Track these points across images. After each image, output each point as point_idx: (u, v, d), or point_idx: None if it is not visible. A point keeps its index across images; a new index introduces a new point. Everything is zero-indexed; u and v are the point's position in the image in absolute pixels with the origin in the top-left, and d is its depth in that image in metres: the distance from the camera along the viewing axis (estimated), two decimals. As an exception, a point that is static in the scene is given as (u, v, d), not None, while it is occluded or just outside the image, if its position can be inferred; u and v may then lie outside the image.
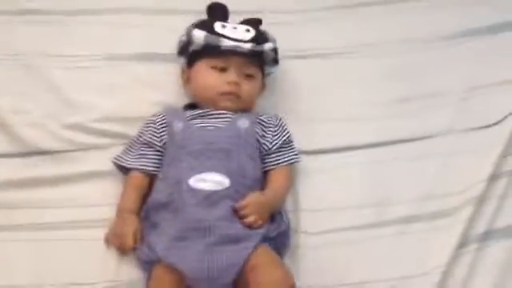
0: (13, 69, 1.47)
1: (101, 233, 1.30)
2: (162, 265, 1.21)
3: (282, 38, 1.46)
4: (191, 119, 1.36)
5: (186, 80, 1.43)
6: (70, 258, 1.29)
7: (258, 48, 1.39)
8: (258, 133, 1.36)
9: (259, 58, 1.41)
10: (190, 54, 1.42)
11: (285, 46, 1.48)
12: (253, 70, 1.40)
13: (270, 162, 1.37)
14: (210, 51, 1.38)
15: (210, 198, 1.24)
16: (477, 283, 1.28)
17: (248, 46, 1.37)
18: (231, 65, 1.37)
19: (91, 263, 1.28)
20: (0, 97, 1.42)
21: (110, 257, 1.28)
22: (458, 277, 1.29)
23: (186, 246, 1.20)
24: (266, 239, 1.24)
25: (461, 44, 1.59)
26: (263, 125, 1.38)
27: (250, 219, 1.24)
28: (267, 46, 1.40)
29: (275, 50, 1.43)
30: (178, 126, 1.35)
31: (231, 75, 1.37)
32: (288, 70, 1.51)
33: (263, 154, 1.37)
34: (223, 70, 1.38)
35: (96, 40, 1.51)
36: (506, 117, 1.45)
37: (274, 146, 1.37)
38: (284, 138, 1.39)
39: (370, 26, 1.61)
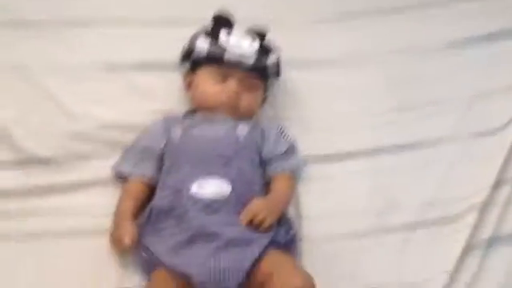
0: (12, 80, 1.46)
1: (102, 241, 1.29)
2: (164, 269, 1.20)
3: (284, 46, 1.46)
4: (190, 126, 1.36)
5: (188, 85, 1.44)
6: (72, 267, 1.27)
7: (261, 63, 1.39)
8: (257, 140, 1.36)
9: (262, 72, 1.41)
10: (192, 61, 1.42)
11: (287, 54, 1.48)
12: (254, 83, 1.40)
13: (272, 168, 1.36)
14: (213, 61, 1.38)
15: (212, 206, 1.24)
16: None
17: (251, 60, 1.38)
18: (233, 75, 1.37)
19: (94, 271, 1.27)
20: (0, 107, 1.42)
21: (113, 265, 1.27)
22: (463, 282, 1.29)
23: (191, 250, 1.19)
24: (275, 244, 1.22)
25: (462, 52, 1.59)
26: (263, 133, 1.38)
27: (266, 224, 1.23)
28: (270, 60, 1.41)
29: (278, 63, 1.44)
30: (177, 133, 1.35)
31: (231, 85, 1.37)
32: (290, 79, 1.51)
33: (265, 162, 1.36)
34: (224, 79, 1.38)
35: (95, 50, 1.51)
36: (509, 122, 1.46)
37: (275, 153, 1.37)
38: (287, 146, 1.38)
39: (371, 35, 1.61)
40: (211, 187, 1.26)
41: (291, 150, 1.39)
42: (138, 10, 1.57)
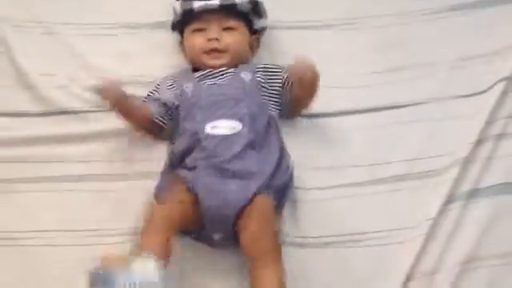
0: (36, 35, 1.56)
1: (119, 185, 1.39)
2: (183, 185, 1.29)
3: (285, 9, 1.55)
4: (199, 79, 1.44)
5: (184, 50, 1.52)
6: (91, 208, 1.38)
7: (228, 1, 1.46)
8: (261, 81, 1.43)
9: (235, 12, 1.47)
10: (177, 26, 1.52)
11: (279, 16, 1.56)
12: (231, 23, 1.46)
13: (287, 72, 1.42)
14: (189, 17, 1.47)
15: (226, 141, 1.32)
16: (462, 234, 1.34)
17: (217, 1, 1.45)
18: (209, 23, 1.45)
19: (110, 212, 1.37)
20: (27, 60, 1.52)
21: (130, 207, 1.36)
22: (445, 229, 1.35)
23: (203, 177, 1.29)
24: (270, 186, 1.30)
25: (451, 17, 1.63)
26: (265, 72, 1.45)
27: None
28: None
29: (253, 2, 1.49)
30: (188, 86, 1.43)
31: (210, 32, 1.45)
32: (282, 40, 1.58)
33: (281, 90, 1.43)
34: (203, 29, 1.46)
35: (113, 10, 1.60)
36: (492, 85, 1.50)
37: (285, 76, 1.43)
38: (285, 65, 1.44)
39: (362, 0, 1.66)
40: (224, 125, 1.34)
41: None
42: None
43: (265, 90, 1.44)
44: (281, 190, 1.34)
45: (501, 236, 1.35)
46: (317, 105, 1.49)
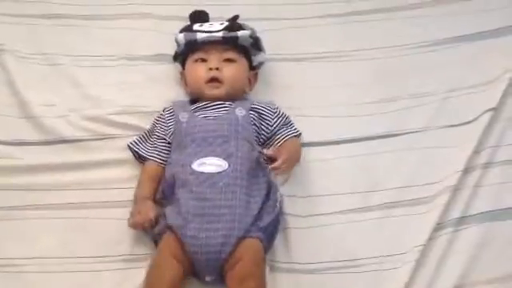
0: (41, 66, 1.60)
1: (119, 212, 1.40)
2: (173, 235, 1.32)
3: (276, 42, 1.59)
4: (195, 111, 1.48)
5: (184, 82, 1.56)
6: (93, 234, 1.39)
7: (231, 34, 1.51)
8: (254, 119, 1.47)
9: (236, 45, 1.52)
10: (180, 57, 1.56)
11: (279, 49, 1.61)
12: (232, 55, 1.51)
13: (278, 138, 1.48)
14: (191, 47, 1.52)
15: (212, 179, 1.35)
16: (450, 262, 1.37)
17: (220, 33, 1.50)
18: (210, 54, 1.50)
19: (111, 239, 1.39)
20: (29, 91, 1.56)
21: (128, 233, 1.38)
22: (435, 255, 1.37)
23: (188, 221, 1.30)
24: (256, 226, 1.32)
25: (443, 50, 1.70)
26: (260, 112, 1.49)
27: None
28: (241, 32, 1.52)
29: (254, 38, 1.54)
30: (184, 116, 1.46)
31: (211, 62, 1.50)
32: (281, 72, 1.63)
33: (267, 137, 1.47)
34: (205, 60, 1.51)
35: (114, 42, 1.65)
36: (480, 115, 1.55)
37: (275, 126, 1.48)
38: (284, 118, 1.50)
39: (360, 32, 1.73)
40: (210, 165, 1.37)
41: (289, 122, 1.51)
42: (152, 8, 1.71)
43: (256, 128, 1.47)
44: (268, 227, 1.35)
45: (488, 262, 1.38)
46: (312, 134, 1.54)
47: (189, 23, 1.59)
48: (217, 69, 1.49)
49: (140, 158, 1.48)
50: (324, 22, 1.74)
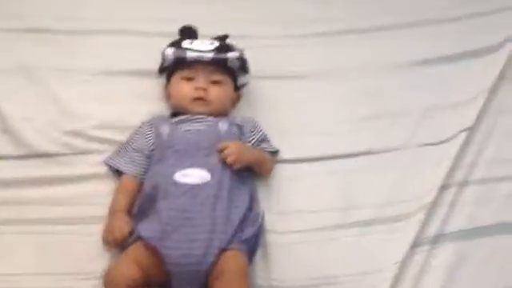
0: (20, 80, 1.58)
1: (95, 228, 1.40)
2: (142, 244, 1.32)
3: (263, 60, 1.60)
4: (177, 124, 1.49)
5: (168, 96, 1.57)
6: (69, 251, 1.38)
7: (221, 56, 1.52)
8: (235, 133, 1.48)
9: (225, 67, 1.53)
10: (166, 71, 1.56)
11: (265, 67, 1.62)
12: (219, 77, 1.53)
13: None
14: (180, 64, 1.53)
15: (193, 191, 1.35)
16: (427, 279, 1.39)
17: (210, 54, 1.52)
18: (198, 73, 1.52)
19: (87, 255, 1.38)
20: (8, 105, 1.54)
21: (104, 249, 1.38)
22: (411, 273, 1.39)
23: (169, 233, 1.30)
24: (238, 238, 1.33)
25: (422, 70, 1.73)
26: (240, 126, 1.51)
27: (231, 158, 1.38)
28: (230, 54, 1.53)
29: (242, 60, 1.56)
30: (165, 129, 1.47)
31: (198, 82, 1.51)
32: (266, 89, 1.65)
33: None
34: (192, 79, 1.52)
35: (95, 57, 1.64)
36: (455, 134, 1.58)
37: (252, 140, 1.50)
38: (260, 134, 1.52)
39: (340, 52, 1.74)
40: (192, 176, 1.37)
41: (266, 138, 1.53)
42: (134, 23, 1.70)
43: (238, 141, 1.48)
44: (250, 240, 1.36)
45: (463, 280, 1.40)
46: (291, 151, 1.55)
47: (178, 38, 1.59)
48: (204, 89, 1.50)
49: (117, 172, 1.48)
50: (305, 41, 1.76)
